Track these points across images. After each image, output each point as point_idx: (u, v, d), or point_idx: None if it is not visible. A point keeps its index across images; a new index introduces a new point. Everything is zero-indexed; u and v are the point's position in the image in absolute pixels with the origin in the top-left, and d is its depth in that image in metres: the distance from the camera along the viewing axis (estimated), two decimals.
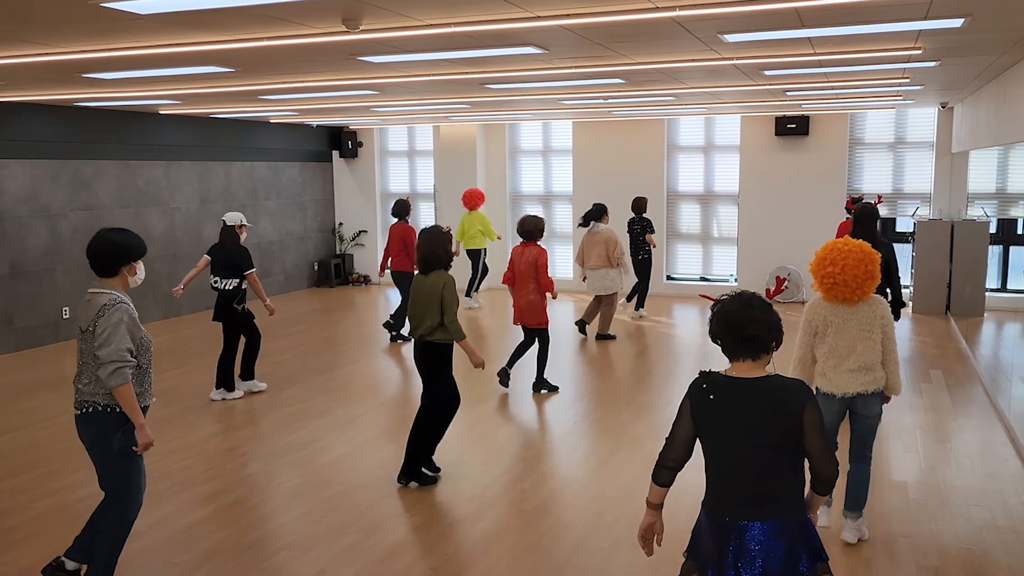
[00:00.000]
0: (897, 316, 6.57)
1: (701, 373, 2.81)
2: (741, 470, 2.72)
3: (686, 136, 13.01)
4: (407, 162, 14.80)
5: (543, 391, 7.62)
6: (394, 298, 13.31)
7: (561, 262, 13.69)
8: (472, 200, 11.70)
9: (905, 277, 12.08)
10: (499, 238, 12.47)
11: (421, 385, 5.51)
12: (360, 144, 14.71)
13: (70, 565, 4.04)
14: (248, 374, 7.64)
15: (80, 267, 10.25)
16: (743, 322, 2.70)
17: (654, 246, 10.91)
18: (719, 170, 12.87)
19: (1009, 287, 11.57)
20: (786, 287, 10.85)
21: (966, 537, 4.58)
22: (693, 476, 3.21)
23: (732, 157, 12.70)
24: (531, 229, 7.38)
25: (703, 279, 13.10)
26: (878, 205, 6.54)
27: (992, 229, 11.19)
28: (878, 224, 6.36)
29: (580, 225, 9.77)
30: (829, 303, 4.35)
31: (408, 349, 9.77)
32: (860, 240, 4.33)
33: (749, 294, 2.80)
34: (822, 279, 4.28)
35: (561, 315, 11.41)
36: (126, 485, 3.81)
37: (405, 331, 9.91)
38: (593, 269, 9.61)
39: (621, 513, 4.94)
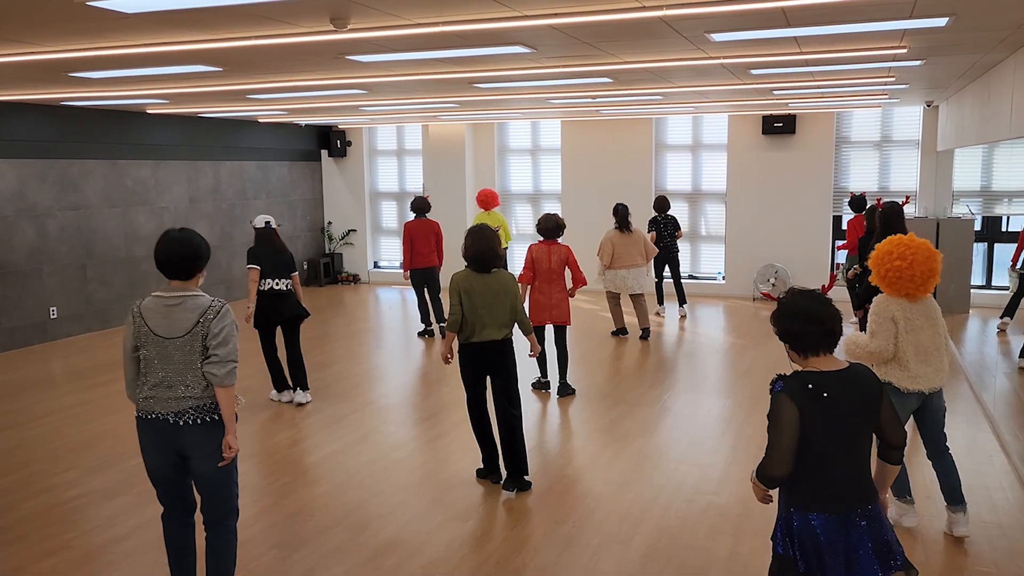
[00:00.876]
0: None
1: (785, 377, 2.78)
2: (850, 461, 2.78)
3: (674, 135, 13.05)
4: (396, 161, 14.79)
5: (568, 394, 7.42)
6: (384, 297, 13.30)
7: None
8: (489, 200, 11.43)
9: None
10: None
11: (476, 389, 5.32)
12: (349, 143, 14.69)
13: None
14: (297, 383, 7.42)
15: (68, 267, 10.20)
16: (823, 317, 2.78)
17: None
18: (707, 169, 12.92)
19: (994, 284, 11.67)
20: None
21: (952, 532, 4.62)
22: (689, 470, 3.23)
23: (720, 156, 12.75)
24: (553, 227, 7.32)
25: (691, 277, 13.14)
26: (905, 205, 6.46)
27: (977, 227, 11.28)
28: (904, 223, 6.32)
29: (619, 229, 9.51)
30: (896, 299, 4.39)
31: (402, 345, 9.77)
32: (924, 240, 4.39)
33: (814, 291, 2.88)
34: (887, 272, 4.30)
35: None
36: (236, 487, 3.75)
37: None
38: (637, 268, 9.52)
39: (611, 510, 4.96)
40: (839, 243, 11.52)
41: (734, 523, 4.76)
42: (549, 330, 7.73)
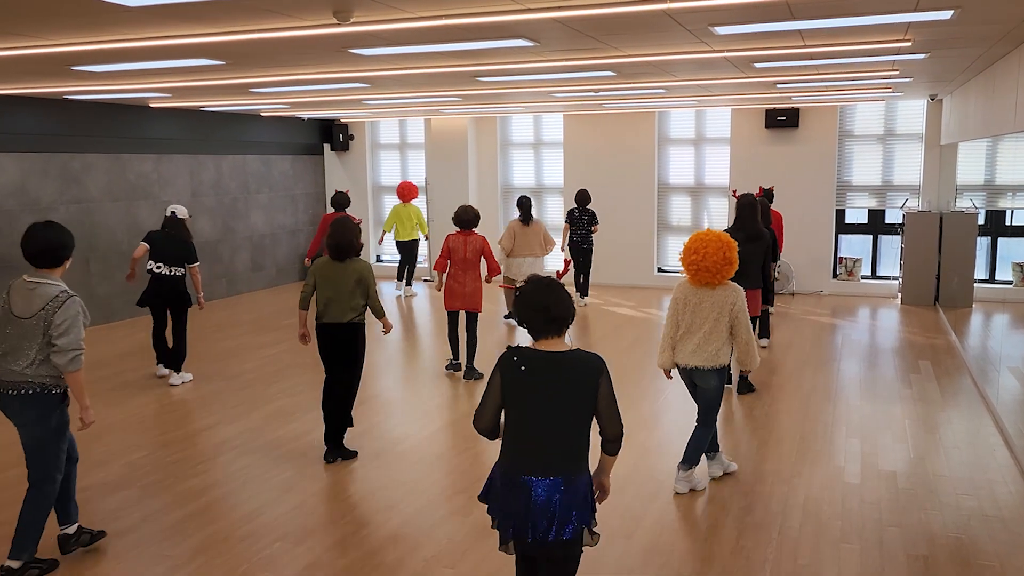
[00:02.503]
0: (770, 300, 7.37)
1: (509, 348, 3.11)
2: (549, 433, 3.04)
3: (677, 128, 13.02)
4: (398, 155, 14.77)
5: (474, 379, 7.77)
6: (388, 292, 13.31)
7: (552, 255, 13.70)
8: (408, 193, 12.26)
9: (894, 268, 12.16)
10: (427, 237, 12.97)
11: (328, 370, 5.82)
12: (351, 137, 14.67)
13: (15, 564, 4.13)
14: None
15: (72, 261, 10.20)
16: (549, 305, 3.04)
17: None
18: (710, 162, 12.90)
19: (997, 278, 11.65)
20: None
21: (955, 526, 4.62)
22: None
23: (723, 149, 12.72)
24: (470, 218, 7.73)
25: None
26: (760, 196, 7.18)
27: (980, 220, 11.26)
28: (759, 213, 7.06)
29: (522, 221, 9.85)
30: (693, 286, 4.92)
31: (405, 339, 9.78)
32: (720, 232, 4.90)
33: (547, 279, 3.14)
34: (687, 266, 4.85)
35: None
36: (57, 460, 4.19)
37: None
38: (535, 257, 9.88)
39: (615, 504, 4.96)
40: None
41: (736, 517, 4.76)
42: (462, 316, 8.01)
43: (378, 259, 14.99)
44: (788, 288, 12.24)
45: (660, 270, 13.21)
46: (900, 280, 11.63)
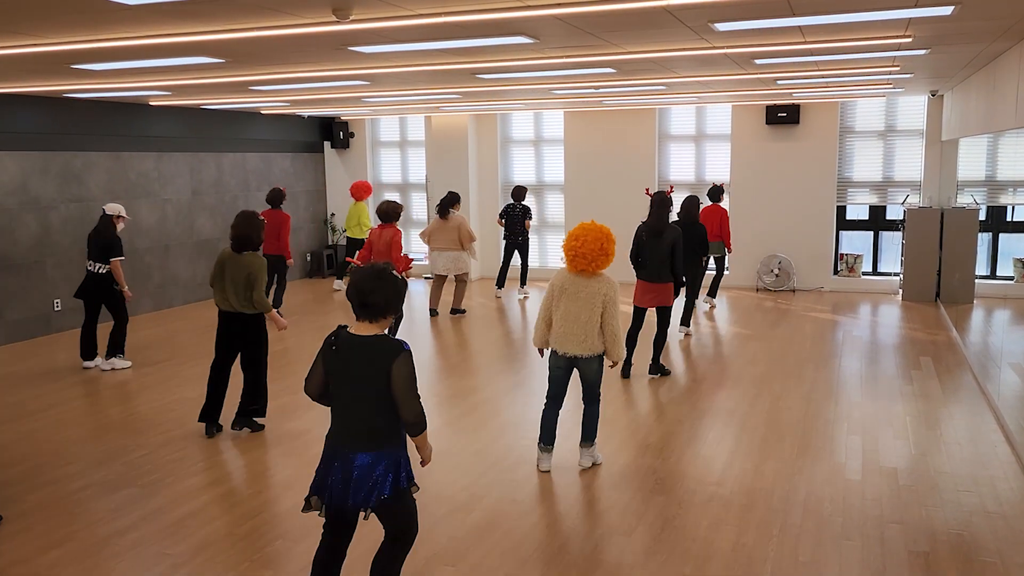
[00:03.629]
0: (678, 292, 7.63)
1: (338, 326, 3.34)
2: (353, 410, 3.30)
3: (677, 125, 13.01)
4: (399, 152, 14.77)
5: None
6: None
7: (553, 251, 13.71)
8: (361, 192, 12.68)
9: (895, 265, 12.15)
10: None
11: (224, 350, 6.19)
12: (352, 135, 14.66)
13: None
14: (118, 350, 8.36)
15: (71, 260, 10.21)
16: (364, 290, 3.24)
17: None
18: (710, 159, 12.88)
19: (998, 274, 11.64)
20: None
21: (956, 522, 4.62)
22: (691, 462, 3.23)
23: (723, 146, 12.71)
24: (387, 211, 8.25)
25: None
26: (671, 193, 7.77)
27: (982, 216, 11.24)
28: (669, 210, 7.50)
29: (439, 214, 10.35)
30: (569, 273, 5.10)
31: (408, 336, 9.76)
32: (603, 225, 5.04)
33: (380, 268, 3.32)
34: (566, 251, 5.03)
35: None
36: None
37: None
38: (450, 251, 10.32)
39: (614, 501, 4.97)
40: None
41: (737, 514, 4.76)
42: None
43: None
44: (789, 284, 12.23)
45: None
46: (901, 276, 11.62)
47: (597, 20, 5.26)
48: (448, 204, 10.40)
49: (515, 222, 11.59)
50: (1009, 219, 11.65)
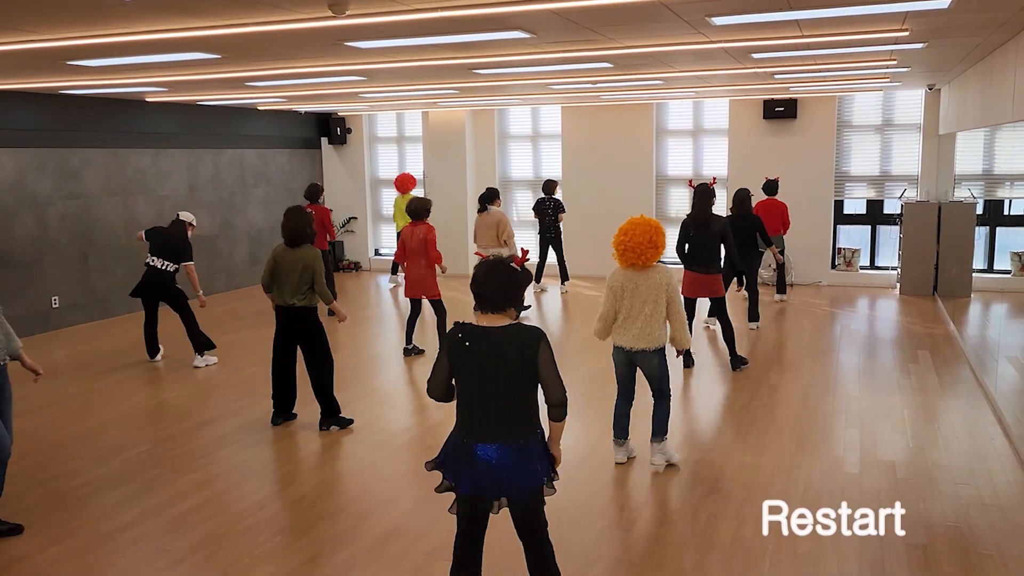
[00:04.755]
0: (741, 282, 7.83)
1: (456, 324, 3.34)
2: (488, 401, 3.28)
3: (675, 120, 13.00)
4: (396, 148, 14.75)
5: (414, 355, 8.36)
6: (384, 284, 13.30)
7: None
8: (406, 184, 12.44)
9: (893, 259, 12.16)
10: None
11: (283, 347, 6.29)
12: (349, 130, 14.64)
13: None
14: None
15: (69, 256, 10.21)
16: (480, 283, 3.30)
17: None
18: (708, 154, 12.88)
19: (996, 268, 11.66)
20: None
21: (953, 515, 4.64)
22: (690, 456, 3.24)
23: (720, 141, 12.70)
24: (418, 209, 8.07)
25: None
26: (713, 185, 7.82)
27: (979, 210, 11.25)
28: (713, 201, 7.51)
29: (479, 211, 10.09)
30: (624, 270, 5.10)
31: (405, 331, 9.78)
32: (651, 218, 5.10)
33: (495, 261, 3.37)
34: (615, 246, 5.05)
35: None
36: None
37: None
38: (484, 248, 10.10)
39: (614, 495, 4.98)
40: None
41: (736, 508, 4.78)
42: (426, 302, 8.42)
43: (376, 252, 14.99)
44: (789, 279, 12.24)
45: (659, 262, 13.18)
46: (899, 270, 11.64)
47: (594, 14, 5.25)
48: (487, 200, 10.09)
49: (546, 216, 11.44)
50: (1006, 213, 11.66)
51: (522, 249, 4.30)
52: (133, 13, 4.88)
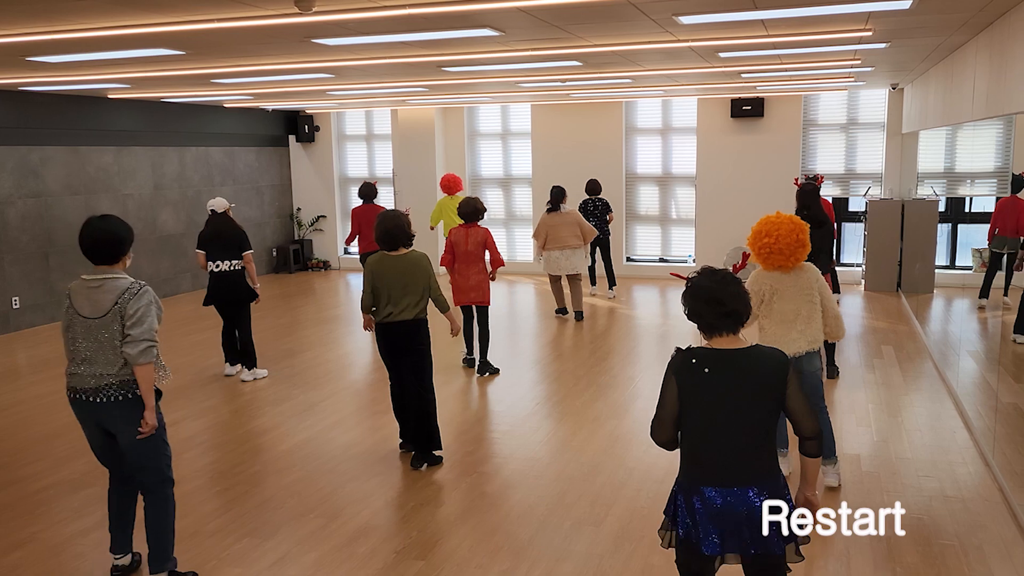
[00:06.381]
0: (836, 288, 7.42)
1: (681, 350, 2.83)
2: (732, 438, 2.78)
3: (644, 118, 13.07)
4: (365, 146, 14.67)
5: (488, 373, 7.65)
6: (355, 283, 13.23)
7: (521, 245, 13.73)
8: (453, 185, 11.44)
9: (857, 255, 12.34)
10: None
11: (392, 367, 5.49)
12: (317, 128, 14.53)
13: (124, 560, 4.12)
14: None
15: (29, 256, 10.01)
16: (723, 298, 2.77)
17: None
18: (676, 152, 12.97)
19: (957, 264, 11.88)
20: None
21: (916, 507, 4.71)
22: (660, 453, 3.25)
23: (689, 139, 12.80)
24: (473, 210, 7.52)
25: (662, 260, 13.22)
26: (821, 183, 7.62)
27: (941, 208, 11.46)
28: (819, 199, 7.07)
29: (550, 209, 9.69)
30: (770, 272, 4.72)
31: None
32: (790, 214, 4.68)
33: (721, 271, 2.86)
34: (758, 251, 4.65)
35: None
36: (168, 458, 3.95)
37: None
38: (572, 249, 9.65)
39: (583, 492, 4.99)
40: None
41: None
42: (474, 310, 7.87)
43: (345, 251, 14.90)
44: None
45: (629, 259, 13.28)
46: (863, 267, 11.81)
47: (562, 13, 5.26)
48: (559, 198, 9.65)
49: (594, 218, 10.71)
50: (967, 210, 11.88)
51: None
52: (95, 8, 4.79)
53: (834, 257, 7.56)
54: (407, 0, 4.75)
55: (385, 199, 14.45)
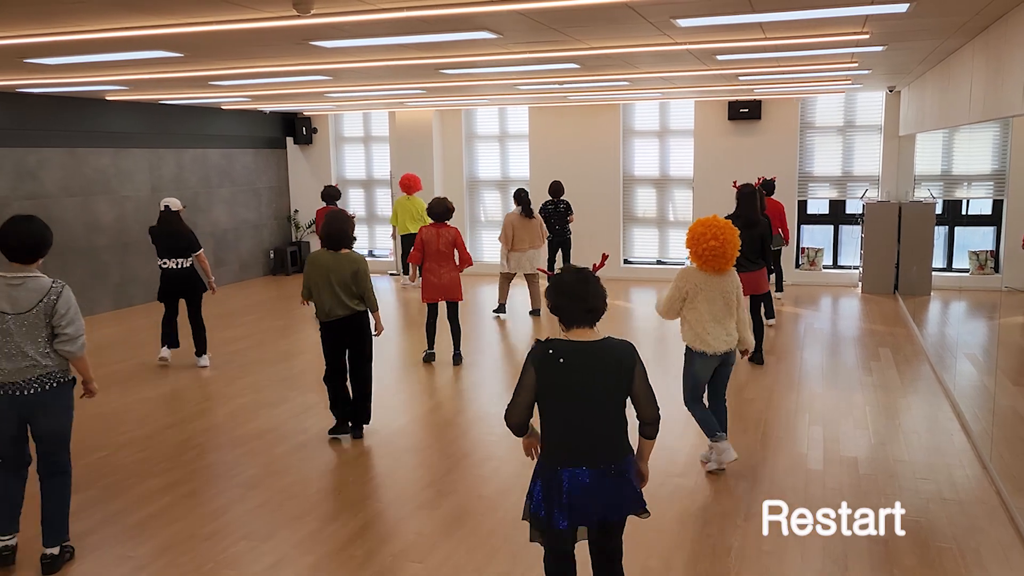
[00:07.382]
0: (779, 287, 7.85)
1: (540, 342, 3.10)
2: (584, 422, 3.06)
3: (641, 121, 13.08)
4: (363, 148, 14.66)
5: (460, 363, 8.07)
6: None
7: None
8: (412, 185, 11.85)
9: (855, 258, 12.36)
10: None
11: (332, 359, 5.88)
12: (315, 130, 14.52)
13: (13, 540, 4.29)
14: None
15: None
16: (585, 295, 3.07)
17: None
18: (674, 154, 12.98)
19: (954, 267, 11.89)
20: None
21: (914, 510, 4.71)
22: (655, 453, 3.26)
23: (687, 141, 12.81)
24: (444, 210, 7.81)
25: (659, 262, 13.22)
26: (758, 185, 7.83)
27: (938, 210, 11.48)
28: (758, 202, 7.41)
29: (523, 214, 9.96)
30: (703, 272, 4.94)
31: None
32: (724, 219, 4.95)
33: (584, 270, 3.17)
34: (704, 252, 4.82)
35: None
36: (69, 440, 4.34)
37: None
38: (534, 250, 10.03)
39: None
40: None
41: (702, 505, 4.81)
42: (443, 306, 8.20)
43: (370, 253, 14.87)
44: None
45: (626, 262, 13.28)
46: (861, 269, 11.82)
47: (560, 15, 5.27)
48: (529, 202, 10.01)
49: (556, 219, 10.94)
50: (964, 213, 11.90)
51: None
52: (92, 10, 4.79)
53: (771, 259, 8.06)
54: (405, 3, 4.75)
55: (384, 200, 14.47)
